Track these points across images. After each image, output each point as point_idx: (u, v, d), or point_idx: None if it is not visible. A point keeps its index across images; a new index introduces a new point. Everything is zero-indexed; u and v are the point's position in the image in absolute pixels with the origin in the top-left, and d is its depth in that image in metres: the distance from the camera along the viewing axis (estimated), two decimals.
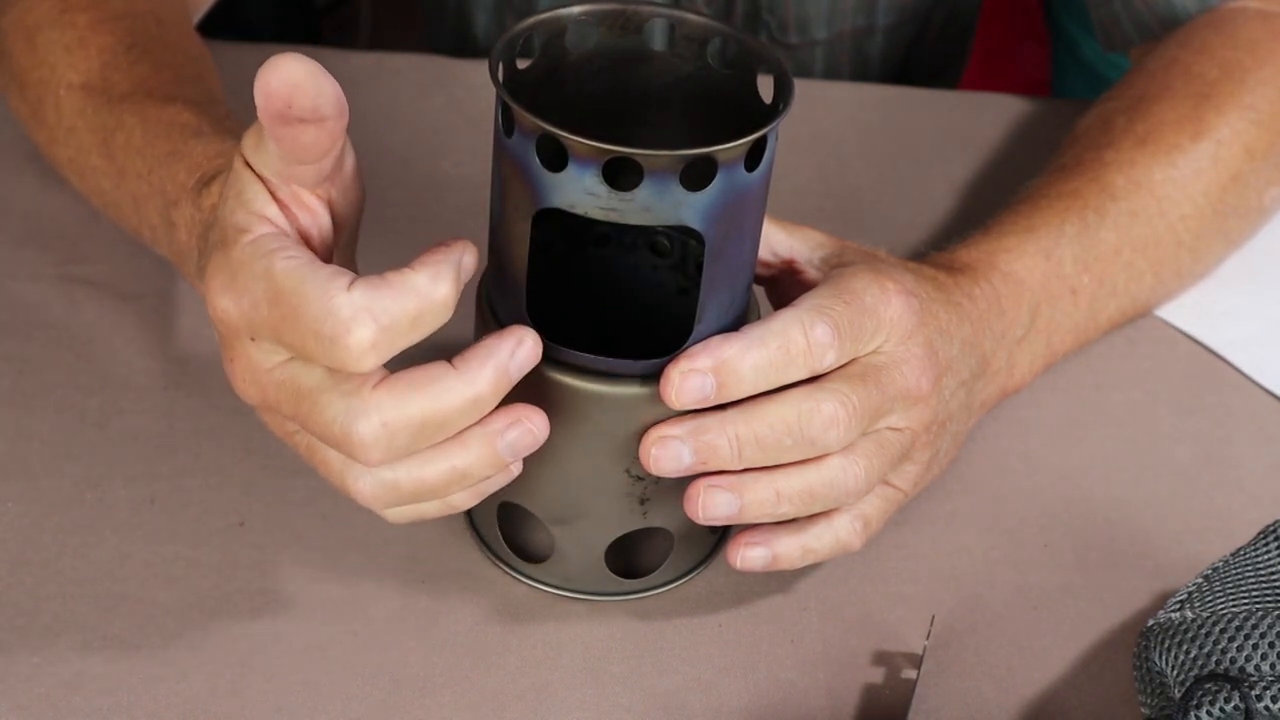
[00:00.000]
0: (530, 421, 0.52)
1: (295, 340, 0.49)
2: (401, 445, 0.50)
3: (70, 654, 0.58)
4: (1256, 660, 0.55)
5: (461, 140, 0.85)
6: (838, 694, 0.59)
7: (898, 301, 0.57)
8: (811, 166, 0.86)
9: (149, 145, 0.66)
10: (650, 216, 0.51)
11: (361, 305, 0.48)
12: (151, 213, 0.66)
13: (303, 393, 0.51)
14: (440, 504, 0.54)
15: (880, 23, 1.01)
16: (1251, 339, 0.77)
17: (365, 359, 0.48)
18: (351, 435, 0.50)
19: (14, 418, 0.67)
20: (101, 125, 0.69)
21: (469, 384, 0.50)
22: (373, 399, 0.49)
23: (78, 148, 0.71)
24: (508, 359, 0.51)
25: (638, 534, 0.60)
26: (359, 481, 0.52)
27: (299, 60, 0.47)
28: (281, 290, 0.49)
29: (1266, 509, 0.68)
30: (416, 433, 0.50)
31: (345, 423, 0.50)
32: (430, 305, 0.49)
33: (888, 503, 0.60)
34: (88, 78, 0.70)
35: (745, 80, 0.58)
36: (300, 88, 0.48)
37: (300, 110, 0.48)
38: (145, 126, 0.67)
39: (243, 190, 0.52)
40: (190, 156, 0.63)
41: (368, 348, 0.48)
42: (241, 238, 0.50)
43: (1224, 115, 0.75)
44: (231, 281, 0.50)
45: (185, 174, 0.63)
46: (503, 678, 0.59)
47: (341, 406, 0.50)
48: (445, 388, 0.50)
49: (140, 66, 0.70)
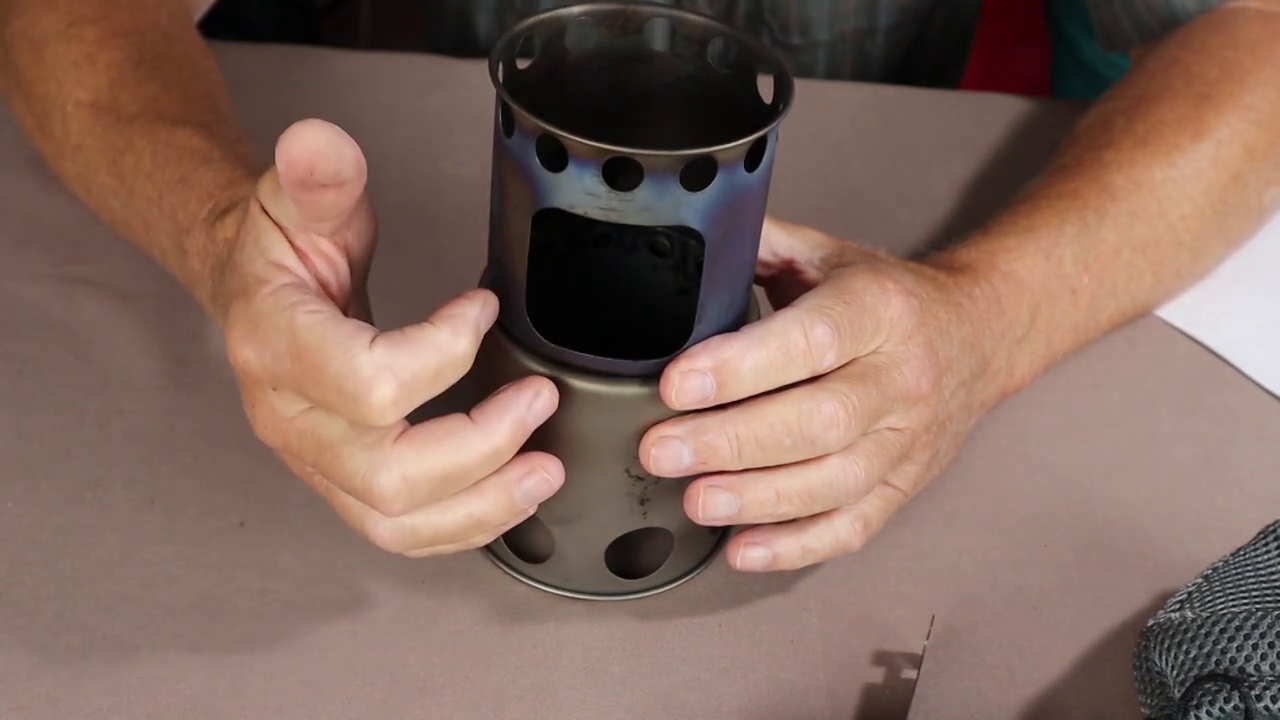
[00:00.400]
0: (546, 470, 0.53)
1: (318, 395, 0.50)
2: (422, 497, 0.51)
3: (70, 654, 0.58)
4: (1256, 660, 0.55)
5: (461, 140, 0.85)
6: (838, 694, 0.59)
7: (898, 301, 0.57)
8: (811, 166, 0.86)
9: (159, 170, 0.66)
10: (650, 217, 0.51)
11: (383, 363, 0.49)
12: (162, 236, 0.66)
13: (324, 444, 0.51)
14: (457, 545, 0.55)
15: (882, 24, 1.01)
16: (1251, 339, 0.77)
17: (386, 415, 0.49)
18: (373, 488, 0.51)
19: (14, 418, 0.67)
20: (110, 145, 0.69)
21: (487, 437, 0.51)
22: (394, 452, 0.50)
23: (85, 165, 0.71)
24: (525, 411, 0.52)
25: (638, 534, 0.60)
26: (378, 527, 0.54)
27: (321, 127, 0.48)
28: (304, 346, 0.49)
29: (1266, 509, 0.68)
30: (436, 485, 0.51)
31: (367, 475, 0.51)
32: (450, 360, 0.50)
33: (888, 503, 0.60)
34: (96, 95, 0.70)
35: (745, 80, 0.58)
36: (322, 155, 0.48)
37: (322, 176, 0.49)
38: (155, 150, 0.67)
39: (260, 237, 0.52)
40: (201, 185, 0.64)
41: (389, 404, 0.49)
42: (262, 289, 0.51)
43: (1224, 115, 0.75)
44: (253, 332, 0.51)
45: (197, 203, 0.63)
46: (503, 678, 0.59)
47: (364, 459, 0.51)
48: (464, 441, 0.51)
49: (149, 85, 0.70)
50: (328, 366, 0.49)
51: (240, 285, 0.53)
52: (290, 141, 0.48)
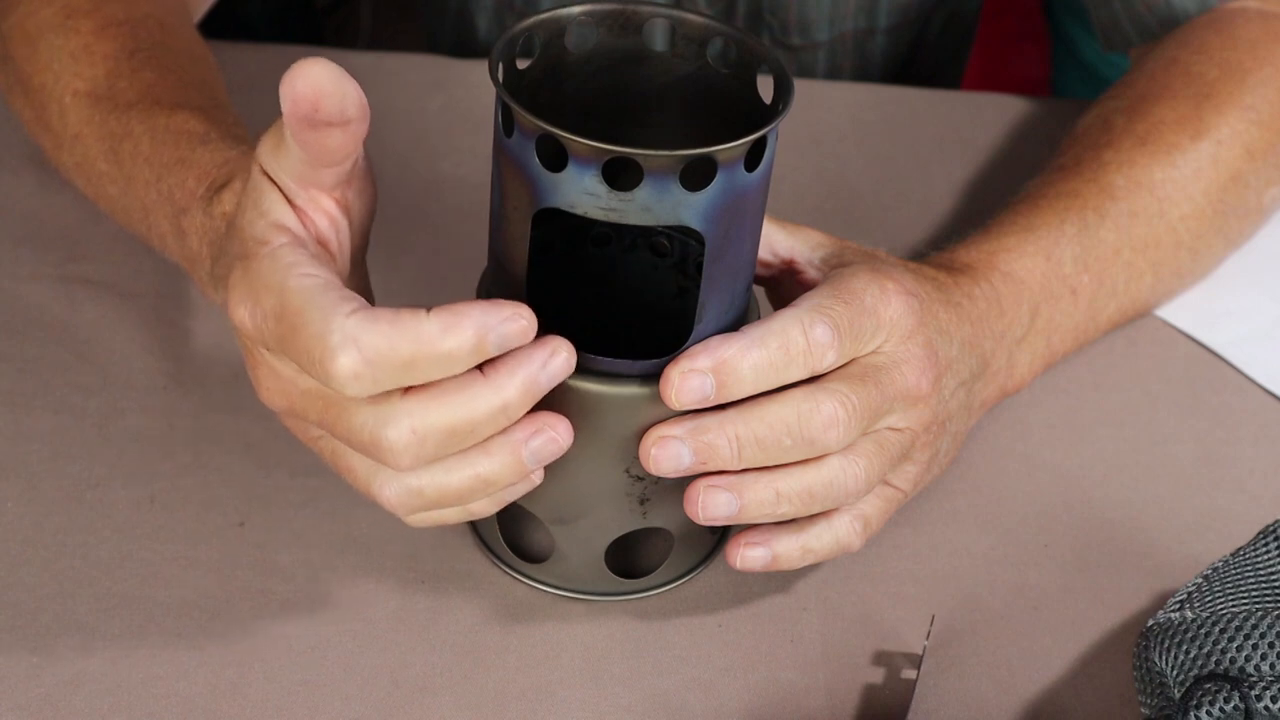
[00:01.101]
0: (554, 429, 0.52)
1: (295, 357, 0.50)
2: (430, 451, 0.51)
3: (70, 654, 0.58)
4: (1256, 660, 0.55)
5: (461, 140, 0.85)
6: (838, 694, 0.59)
7: (898, 301, 0.57)
8: (811, 166, 0.86)
9: (156, 153, 0.66)
10: (650, 216, 0.51)
11: (352, 334, 0.48)
12: (161, 220, 0.66)
13: (330, 399, 0.51)
14: (460, 510, 0.55)
15: (882, 24, 1.01)
16: (1251, 339, 0.77)
17: (348, 386, 0.49)
18: (381, 440, 0.50)
19: (14, 418, 0.67)
20: (109, 133, 0.69)
21: (497, 392, 0.50)
22: (402, 406, 0.50)
23: (83, 154, 0.71)
24: (538, 370, 0.51)
25: (638, 534, 0.60)
26: (385, 488, 0.53)
27: (323, 65, 0.48)
28: (288, 307, 0.49)
29: (1266, 509, 0.68)
30: (445, 439, 0.51)
31: (375, 428, 0.50)
32: (431, 354, 0.49)
33: (888, 503, 0.60)
34: (93, 85, 0.70)
35: (745, 80, 0.58)
36: (326, 92, 0.48)
37: (326, 114, 0.49)
38: (153, 135, 0.67)
39: (260, 200, 0.52)
40: (199, 164, 0.64)
41: (349, 376, 0.48)
42: (261, 249, 0.51)
43: (1224, 115, 0.75)
44: (249, 292, 0.51)
45: (194, 181, 0.63)
46: (503, 678, 0.59)
47: (370, 412, 0.50)
48: (474, 395, 0.50)
49: (145, 73, 0.71)
50: (304, 329, 0.49)
51: (241, 249, 0.53)
52: (295, 78, 0.48)
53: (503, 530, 0.62)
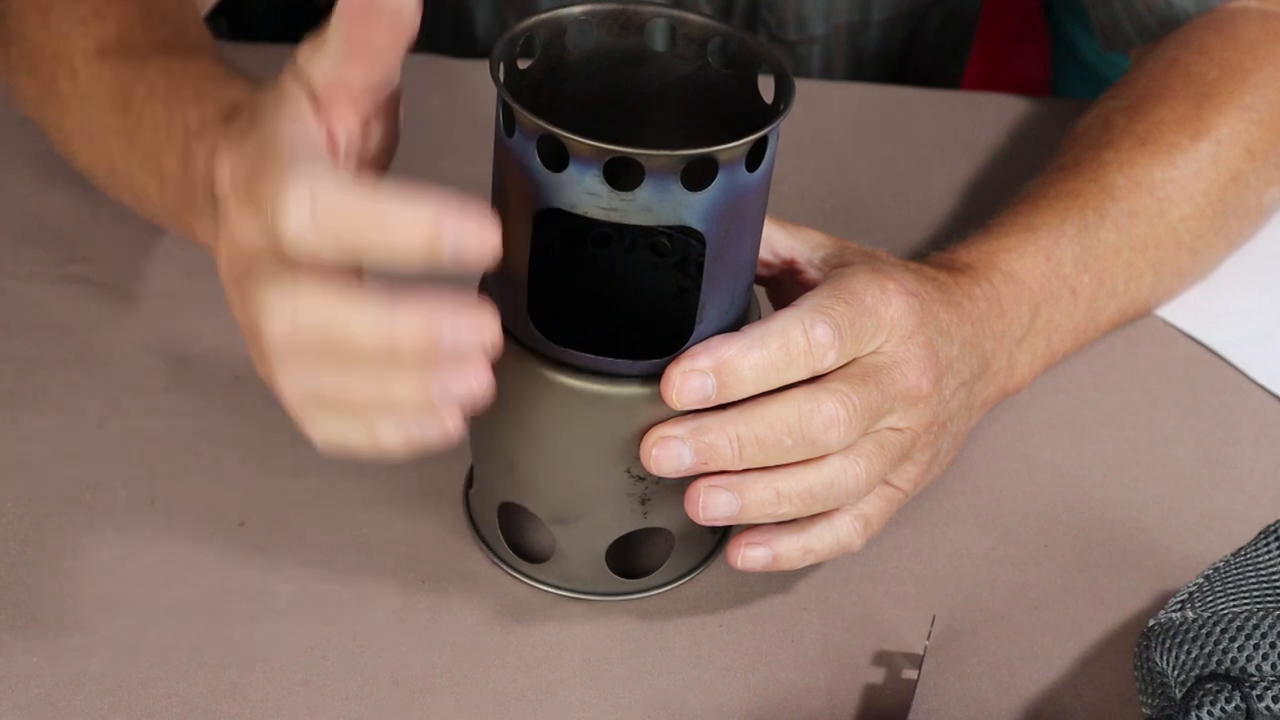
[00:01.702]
0: (475, 376, 0.48)
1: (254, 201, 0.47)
2: (302, 340, 0.47)
3: (70, 654, 0.58)
4: (1258, 660, 0.55)
5: (461, 140, 0.85)
6: (838, 694, 0.59)
7: (898, 301, 0.57)
8: (811, 166, 0.86)
9: (173, 90, 0.65)
10: (651, 216, 0.51)
11: (309, 183, 0.45)
12: (167, 157, 0.64)
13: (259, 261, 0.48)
14: (366, 432, 0.49)
15: (875, 18, 1.01)
16: (1251, 339, 0.77)
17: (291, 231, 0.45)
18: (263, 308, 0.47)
19: (14, 418, 0.67)
20: (121, 84, 0.68)
21: (387, 315, 0.46)
22: (302, 287, 0.46)
23: (91, 112, 0.70)
24: (448, 323, 0.46)
25: (638, 534, 0.60)
26: (283, 375, 0.49)
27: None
28: (266, 145, 0.48)
29: (1266, 509, 0.68)
30: (319, 337, 0.47)
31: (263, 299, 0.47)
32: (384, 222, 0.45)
33: (888, 503, 0.60)
34: (104, 44, 0.70)
35: (746, 80, 0.58)
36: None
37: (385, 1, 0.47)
38: (169, 77, 0.66)
39: (282, 97, 0.50)
40: (219, 98, 0.62)
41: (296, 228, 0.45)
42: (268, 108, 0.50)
43: (1224, 115, 0.75)
44: (239, 144, 0.49)
45: (213, 109, 0.61)
46: (503, 678, 0.59)
47: (275, 287, 0.47)
48: (363, 309, 0.46)
49: (160, 30, 0.70)
50: (272, 170, 0.47)
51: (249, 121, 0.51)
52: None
53: (503, 530, 0.62)
